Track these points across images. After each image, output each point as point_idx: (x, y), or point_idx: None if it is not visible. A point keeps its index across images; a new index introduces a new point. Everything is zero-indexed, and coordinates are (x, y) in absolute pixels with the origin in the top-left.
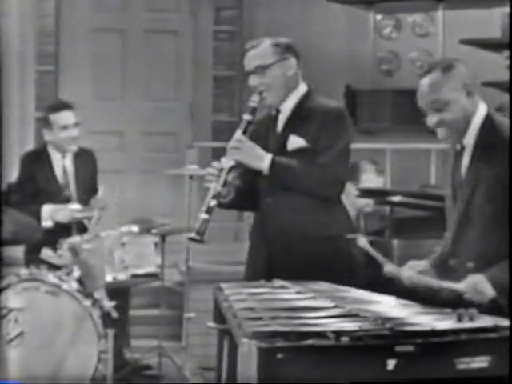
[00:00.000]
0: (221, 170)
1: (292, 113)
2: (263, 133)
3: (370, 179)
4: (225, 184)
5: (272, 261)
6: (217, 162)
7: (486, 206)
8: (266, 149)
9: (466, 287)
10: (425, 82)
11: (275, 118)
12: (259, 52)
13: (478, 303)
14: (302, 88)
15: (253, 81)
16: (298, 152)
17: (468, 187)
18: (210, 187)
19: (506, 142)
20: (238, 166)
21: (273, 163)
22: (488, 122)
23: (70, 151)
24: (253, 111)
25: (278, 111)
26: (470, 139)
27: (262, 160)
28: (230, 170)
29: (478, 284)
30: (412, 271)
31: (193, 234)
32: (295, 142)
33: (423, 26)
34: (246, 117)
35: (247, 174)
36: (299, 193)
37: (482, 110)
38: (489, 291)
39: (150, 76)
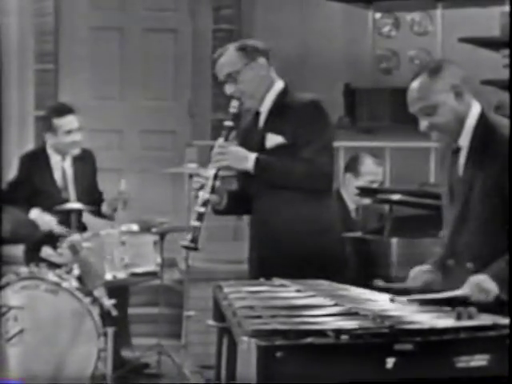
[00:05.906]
0: (207, 178)
1: (270, 111)
2: (249, 132)
3: (370, 170)
4: (213, 191)
5: (263, 260)
6: (202, 169)
7: (481, 206)
8: (251, 148)
9: (469, 290)
10: (413, 86)
11: (257, 117)
12: (227, 59)
13: (484, 302)
14: (278, 85)
15: (228, 89)
16: (278, 149)
17: (464, 187)
18: (199, 195)
19: (501, 142)
20: (226, 171)
21: (257, 162)
22: (482, 122)
23: (71, 154)
24: (234, 117)
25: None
26: (464, 140)
27: (247, 160)
28: (216, 176)
29: (480, 284)
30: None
31: (186, 242)
32: (273, 139)
33: (422, 25)
34: (228, 123)
35: (238, 178)
36: (286, 189)
37: (475, 110)
38: (493, 289)
39: (148, 74)
